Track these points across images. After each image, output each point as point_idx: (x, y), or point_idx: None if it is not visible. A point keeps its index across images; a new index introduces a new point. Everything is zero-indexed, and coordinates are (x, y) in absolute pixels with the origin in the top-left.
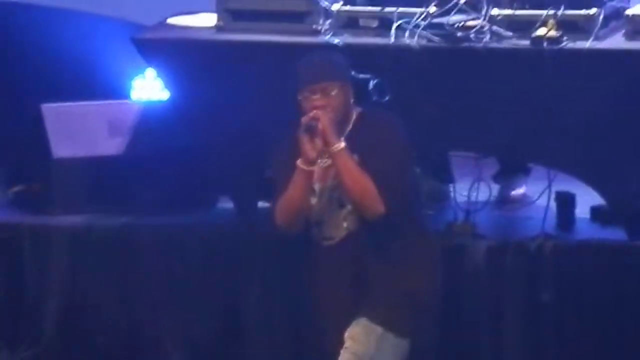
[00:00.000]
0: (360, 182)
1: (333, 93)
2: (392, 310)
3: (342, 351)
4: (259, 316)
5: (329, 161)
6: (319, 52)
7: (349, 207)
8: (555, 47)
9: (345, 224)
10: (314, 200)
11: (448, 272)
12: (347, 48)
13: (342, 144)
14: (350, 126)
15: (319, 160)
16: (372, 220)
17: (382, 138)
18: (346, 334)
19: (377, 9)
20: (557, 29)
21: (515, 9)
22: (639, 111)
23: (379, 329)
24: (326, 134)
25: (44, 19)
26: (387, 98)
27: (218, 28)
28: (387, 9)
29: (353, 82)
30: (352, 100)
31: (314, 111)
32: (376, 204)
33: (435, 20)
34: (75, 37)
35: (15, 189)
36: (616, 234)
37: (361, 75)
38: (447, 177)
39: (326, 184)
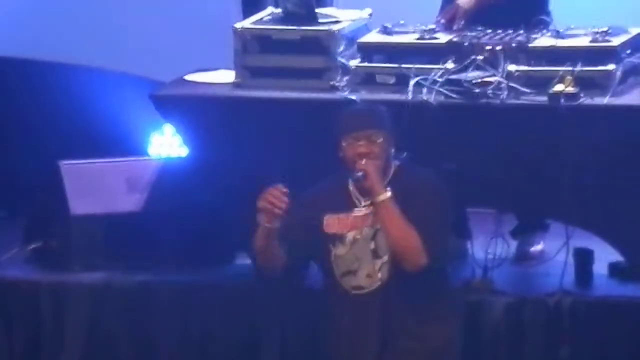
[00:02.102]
0: (406, 233)
1: (378, 141)
2: None
3: None
4: None
5: (365, 210)
6: (364, 103)
7: (385, 257)
8: (573, 103)
9: (379, 275)
10: (342, 250)
11: (466, 328)
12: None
13: (389, 193)
14: (389, 178)
15: (355, 209)
16: (410, 272)
17: (423, 190)
18: None
19: (395, 65)
20: (574, 85)
21: (532, 65)
22: None
23: None
24: (373, 182)
25: (63, 76)
26: (404, 154)
27: (236, 85)
28: (404, 66)
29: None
30: (392, 152)
31: (362, 161)
32: (420, 256)
33: (453, 76)
34: (94, 94)
35: (34, 245)
36: (634, 290)
37: None
38: (465, 233)
39: (361, 233)
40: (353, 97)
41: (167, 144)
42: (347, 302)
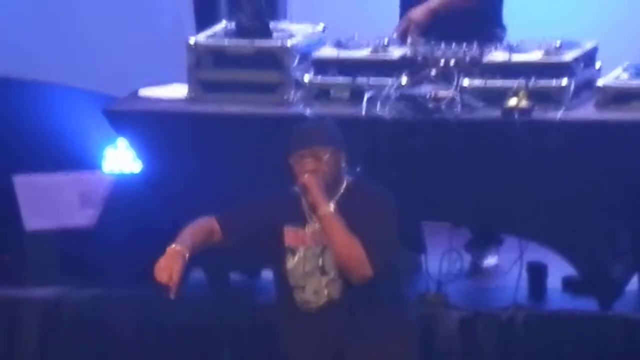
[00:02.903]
0: (349, 245)
1: (325, 157)
2: None
3: None
4: None
5: (316, 226)
6: (312, 119)
7: (332, 274)
8: (527, 118)
9: (326, 292)
10: (292, 262)
11: (420, 342)
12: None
13: (331, 207)
14: (340, 193)
15: (307, 225)
16: (357, 287)
17: (372, 206)
18: None
19: (349, 80)
20: (528, 100)
21: (487, 79)
22: (609, 181)
23: None
24: (314, 196)
25: (16, 91)
26: (358, 168)
27: (189, 99)
28: (359, 80)
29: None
30: (344, 167)
31: (304, 176)
32: (364, 268)
33: (406, 91)
34: (46, 108)
35: None
36: (588, 304)
37: None
38: (420, 247)
39: (310, 249)
40: (307, 111)
41: (121, 158)
42: (298, 316)
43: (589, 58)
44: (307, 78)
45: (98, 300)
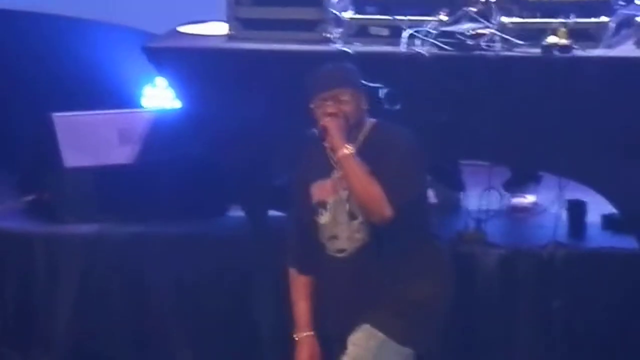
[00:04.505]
0: (367, 186)
1: (344, 100)
2: (396, 318)
3: (343, 356)
4: (270, 324)
5: (340, 173)
6: (331, 62)
7: (360, 218)
8: (566, 55)
9: (358, 236)
10: (326, 216)
11: (459, 280)
12: (358, 56)
13: (349, 149)
14: (363, 136)
15: (333, 172)
16: (384, 228)
17: (393, 147)
18: (349, 340)
19: (388, 17)
20: (567, 37)
21: (526, 17)
22: None
23: (380, 335)
24: (333, 139)
25: (55, 28)
26: (397, 106)
27: (229, 37)
28: (398, 18)
29: (365, 90)
30: (365, 109)
31: (324, 119)
32: (383, 208)
33: (446, 28)
34: (86, 46)
35: (27, 198)
36: (627, 241)
37: (372, 84)
38: (458, 186)
39: (339, 196)
40: (346, 49)
41: (159, 96)
42: (333, 265)
43: None
44: (346, 15)
45: (137, 236)
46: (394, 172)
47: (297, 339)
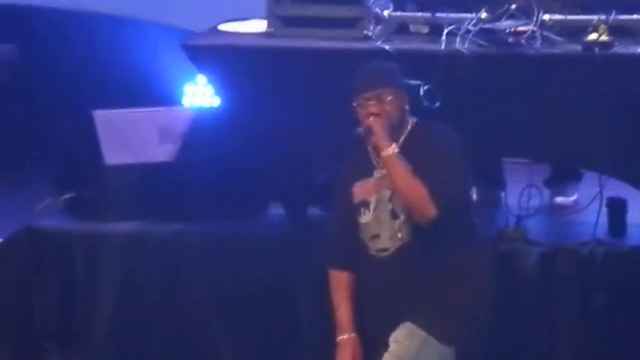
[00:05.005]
0: (411, 186)
1: (387, 100)
2: (438, 317)
3: (385, 354)
4: (311, 322)
5: (383, 172)
6: (374, 61)
7: (402, 217)
8: (607, 52)
9: (400, 235)
10: (368, 215)
11: (499, 277)
12: (398, 54)
13: (394, 149)
14: (405, 135)
15: (375, 172)
16: (427, 228)
17: (436, 146)
18: (391, 338)
19: (428, 15)
20: (608, 34)
21: (567, 14)
22: None
23: (422, 333)
24: (378, 138)
25: (96, 26)
26: (437, 104)
27: (268, 34)
28: (438, 15)
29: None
30: (407, 109)
31: (368, 119)
32: (428, 208)
33: (486, 26)
34: (127, 44)
35: (67, 196)
36: None
37: (411, 82)
38: (500, 183)
39: (381, 195)
40: (386, 46)
41: (200, 93)
42: (375, 265)
43: None
44: (386, 13)
45: (178, 234)
46: (437, 171)
47: (339, 341)
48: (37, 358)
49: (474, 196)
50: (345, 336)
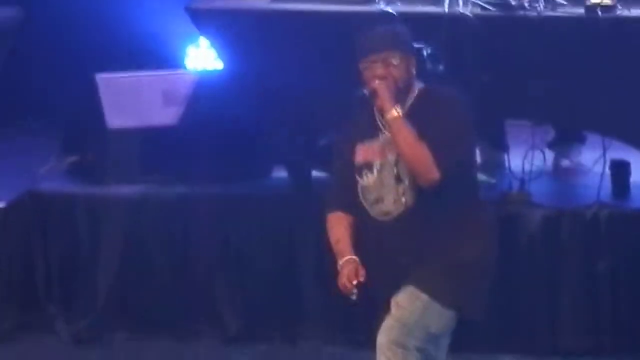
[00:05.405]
0: (415, 149)
1: (394, 63)
2: (440, 280)
3: (387, 317)
4: (314, 283)
5: (388, 135)
6: (382, 24)
7: (406, 181)
8: (610, 14)
9: (403, 199)
10: (370, 177)
11: (503, 240)
12: (401, 16)
13: (398, 112)
14: (412, 99)
15: (380, 135)
16: (431, 192)
17: (442, 111)
18: (392, 301)
19: None
20: None
21: None
22: None
23: (424, 297)
24: (383, 101)
25: None
26: (441, 67)
27: None
28: None
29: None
30: (414, 73)
31: (374, 81)
32: (431, 171)
33: None
34: (130, 7)
35: (70, 159)
36: None
37: (415, 45)
38: (503, 146)
39: (386, 159)
40: (389, 9)
41: (202, 56)
42: (378, 228)
43: None
44: None
45: (181, 198)
46: (442, 135)
47: (341, 264)
48: (41, 321)
49: (478, 158)
50: (347, 257)
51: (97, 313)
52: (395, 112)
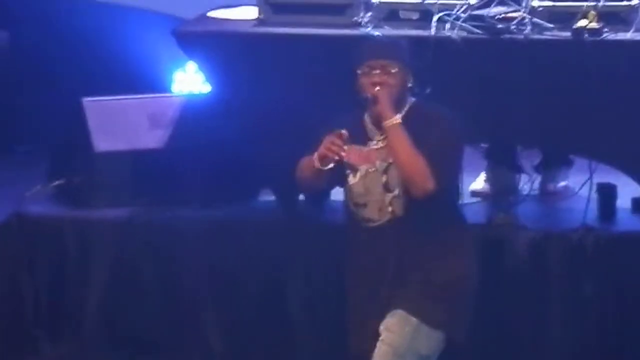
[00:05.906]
0: (413, 157)
1: (393, 72)
2: (427, 301)
3: (378, 343)
4: (302, 307)
5: (380, 143)
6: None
7: (396, 191)
8: (597, 38)
9: (390, 209)
10: (353, 180)
11: (490, 263)
12: None
13: (397, 120)
14: (404, 112)
15: (370, 142)
16: (420, 203)
17: (434, 127)
18: (382, 326)
19: (418, 1)
20: (598, 20)
21: (556, 0)
22: None
23: (414, 320)
24: (383, 107)
25: (85, 13)
26: (427, 91)
27: (259, 21)
28: (428, 1)
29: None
30: (409, 87)
31: (375, 88)
32: (426, 181)
33: (476, 12)
34: (117, 31)
35: (57, 182)
36: None
37: None
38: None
39: (374, 166)
40: (376, 33)
41: (190, 80)
42: (362, 233)
43: None
44: None
45: (168, 221)
46: (435, 151)
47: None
48: (27, 345)
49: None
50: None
51: (85, 336)
52: (395, 119)
